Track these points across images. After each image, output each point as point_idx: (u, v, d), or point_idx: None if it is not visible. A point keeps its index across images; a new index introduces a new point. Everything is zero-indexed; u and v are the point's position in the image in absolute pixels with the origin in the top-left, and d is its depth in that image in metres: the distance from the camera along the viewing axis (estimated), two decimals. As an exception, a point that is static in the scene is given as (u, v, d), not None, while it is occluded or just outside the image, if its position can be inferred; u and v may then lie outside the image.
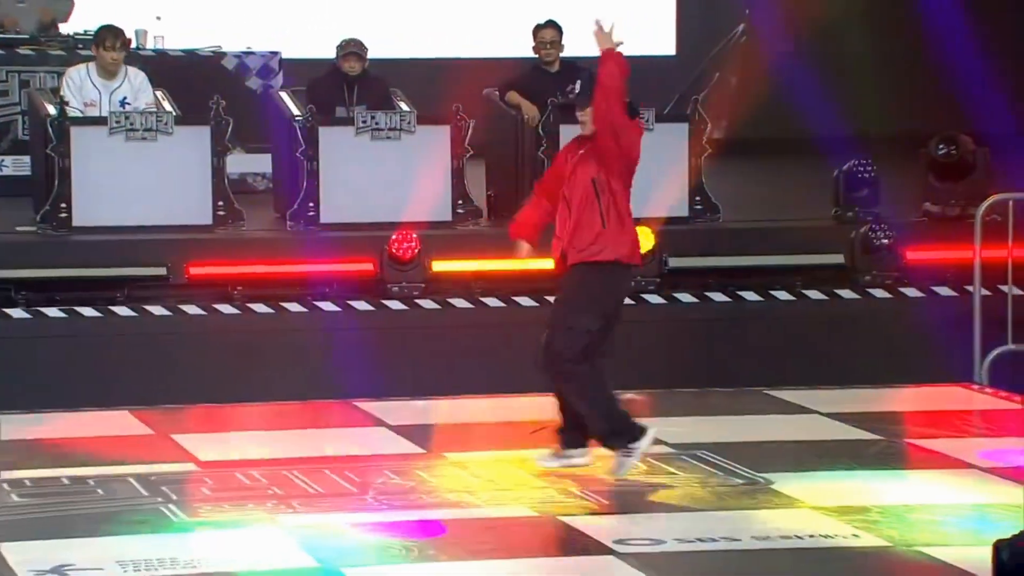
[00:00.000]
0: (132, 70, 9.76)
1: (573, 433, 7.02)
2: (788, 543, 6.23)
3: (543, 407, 7.85)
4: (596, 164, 6.86)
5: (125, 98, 9.64)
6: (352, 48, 10.04)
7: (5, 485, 6.96)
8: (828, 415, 8.29)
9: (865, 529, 6.36)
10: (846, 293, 9.63)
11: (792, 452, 7.56)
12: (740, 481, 7.08)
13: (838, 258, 9.77)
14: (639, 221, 9.57)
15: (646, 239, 9.45)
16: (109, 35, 9.61)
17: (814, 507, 6.67)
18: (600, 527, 6.40)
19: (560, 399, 7.02)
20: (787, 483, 7.00)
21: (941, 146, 9.99)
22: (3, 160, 10.86)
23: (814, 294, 9.61)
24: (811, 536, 6.31)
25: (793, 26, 13.45)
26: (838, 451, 7.57)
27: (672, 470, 7.26)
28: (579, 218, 6.82)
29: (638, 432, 6.93)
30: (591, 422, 6.95)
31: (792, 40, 13.39)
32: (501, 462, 7.30)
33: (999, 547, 4.75)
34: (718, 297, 9.54)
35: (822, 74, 13.14)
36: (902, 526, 6.44)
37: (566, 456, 7.01)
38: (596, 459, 7.05)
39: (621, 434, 6.92)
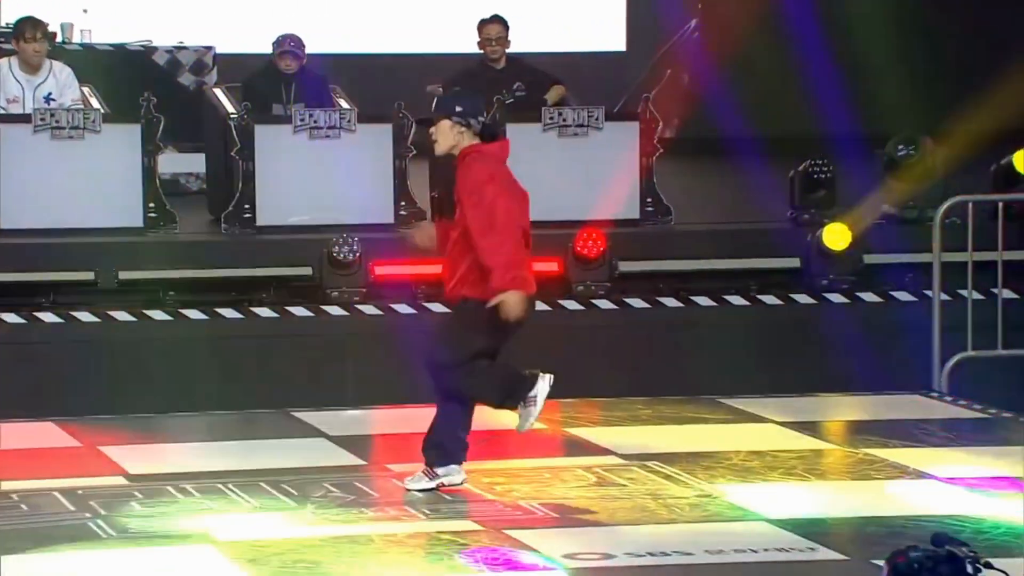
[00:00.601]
0: (57, 64, 9.69)
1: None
2: (743, 557, 6.26)
3: (481, 416, 7.88)
4: None
5: (50, 93, 9.58)
6: (288, 46, 10.01)
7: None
8: (783, 424, 8.34)
9: (821, 542, 6.40)
10: (802, 298, 9.69)
11: (746, 462, 7.60)
12: (692, 493, 7.12)
13: (794, 261, 9.84)
14: (588, 223, 9.66)
15: (596, 242, 9.50)
16: (28, 26, 9.55)
17: (769, 519, 6.71)
18: (549, 541, 6.41)
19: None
20: (741, 495, 7.04)
21: (900, 147, 10.08)
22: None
23: (769, 298, 9.67)
24: (766, 550, 6.34)
25: (747, 20, 13.52)
26: (793, 461, 7.62)
27: (622, 481, 7.28)
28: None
29: (531, 382, 6.90)
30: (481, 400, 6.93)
31: (746, 35, 13.46)
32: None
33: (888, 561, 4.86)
34: (670, 302, 9.58)
35: (779, 71, 13.23)
36: (859, 539, 6.48)
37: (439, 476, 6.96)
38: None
39: (513, 394, 6.89)
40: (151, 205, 9.45)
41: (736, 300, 9.62)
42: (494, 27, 10.17)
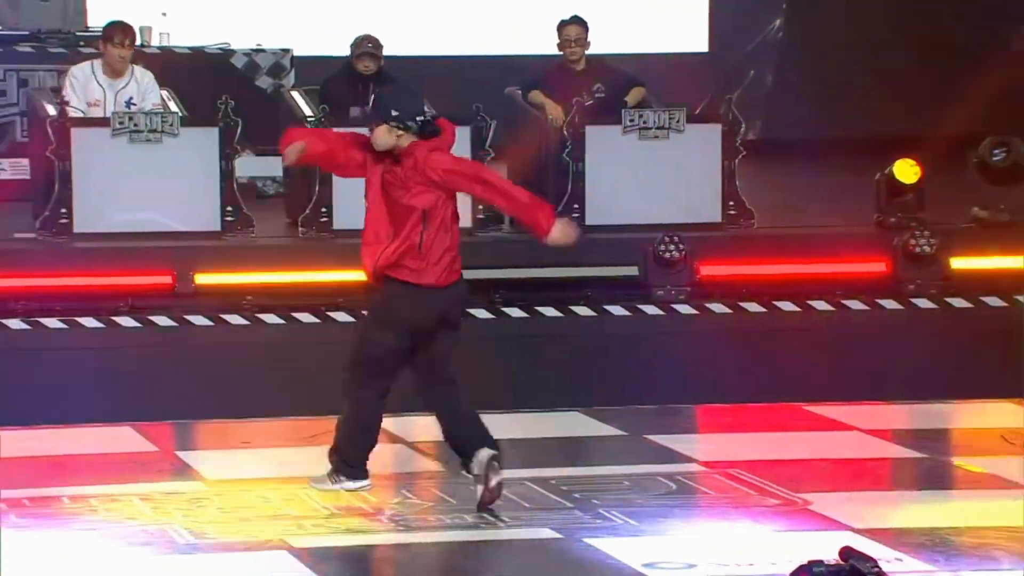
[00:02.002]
0: (139, 69, 9.79)
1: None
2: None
3: (562, 423, 7.88)
4: (432, 195, 6.82)
5: (131, 98, 9.68)
6: (366, 47, 10.06)
7: (2, 505, 6.99)
8: (869, 432, 8.27)
9: (908, 552, 6.34)
10: (888, 303, 9.61)
11: (831, 471, 7.55)
12: (776, 501, 7.08)
13: (880, 266, 9.76)
14: (667, 227, 9.64)
15: (677, 246, 9.46)
16: (118, 31, 9.66)
17: (854, 529, 6.66)
18: (629, 549, 6.40)
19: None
20: (826, 504, 6.99)
21: (995, 150, 9.97)
22: (1, 163, 10.91)
23: (855, 304, 9.60)
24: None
25: (834, 21, 13.43)
26: (880, 470, 7.56)
27: (704, 489, 7.26)
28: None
29: (356, 470, 6.89)
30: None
31: (833, 36, 13.37)
32: (521, 481, 7.30)
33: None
34: (752, 307, 9.53)
35: (865, 72, 13.14)
36: (947, 550, 6.42)
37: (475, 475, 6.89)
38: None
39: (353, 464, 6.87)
40: (228, 209, 9.52)
41: (820, 305, 9.55)
42: (573, 28, 10.16)
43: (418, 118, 6.85)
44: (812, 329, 9.47)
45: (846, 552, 4.93)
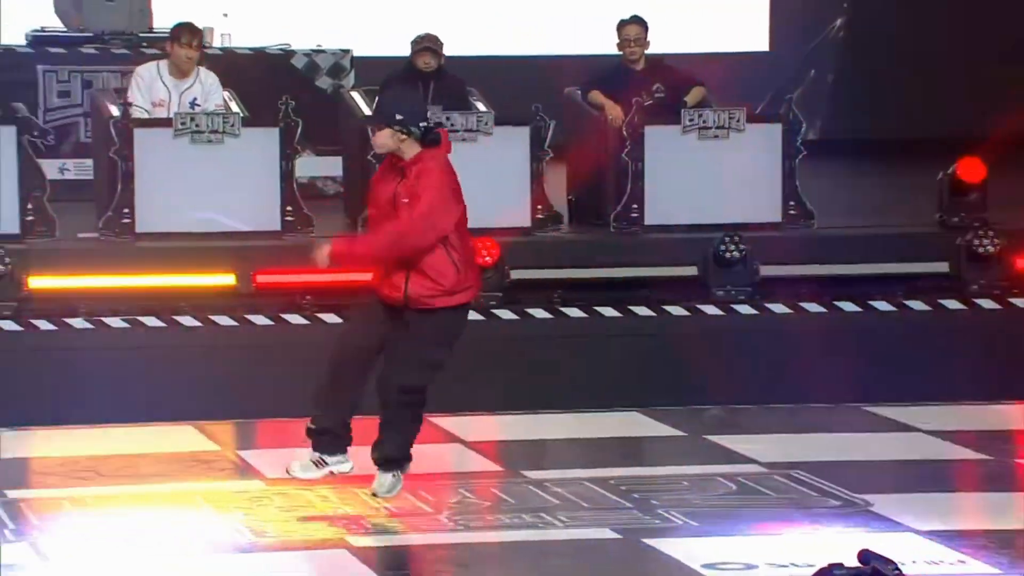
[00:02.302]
0: (204, 70, 9.86)
1: (334, 439, 6.88)
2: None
3: (621, 423, 7.86)
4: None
5: (195, 99, 9.74)
6: (427, 43, 10.07)
7: (67, 502, 7.05)
8: (931, 433, 8.22)
9: (971, 555, 6.30)
10: (951, 303, 9.54)
11: (893, 472, 7.51)
12: (837, 502, 7.04)
13: (942, 266, 9.69)
14: (727, 227, 9.61)
15: (736, 246, 9.44)
16: (186, 32, 9.72)
17: (917, 531, 6.61)
18: (688, 550, 6.38)
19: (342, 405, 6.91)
20: (888, 505, 6.95)
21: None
22: (65, 163, 11.00)
23: (916, 304, 9.54)
24: (914, 562, 6.26)
25: (896, 20, 13.34)
26: (942, 471, 7.51)
27: (764, 490, 7.23)
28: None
29: (409, 459, 6.93)
30: (396, 443, 6.89)
31: (894, 35, 13.28)
32: (579, 481, 7.29)
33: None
34: (813, 307, 9.49)
35: (927, 70, 13.04)
36: (1011, 552, 6.37)
37: (329, 464, 6.89)
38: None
39: (403, 460, 6.91)
40: (288, 208, 9.56)
41: (882, 306, 9.49)
42: (633, 28, 10.14)
43: (421, 124, 6.81)
44: (873, 329, 9.41)
45: (865, 554, 4.91)
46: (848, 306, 9.50)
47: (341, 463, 6.93)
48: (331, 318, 9.17)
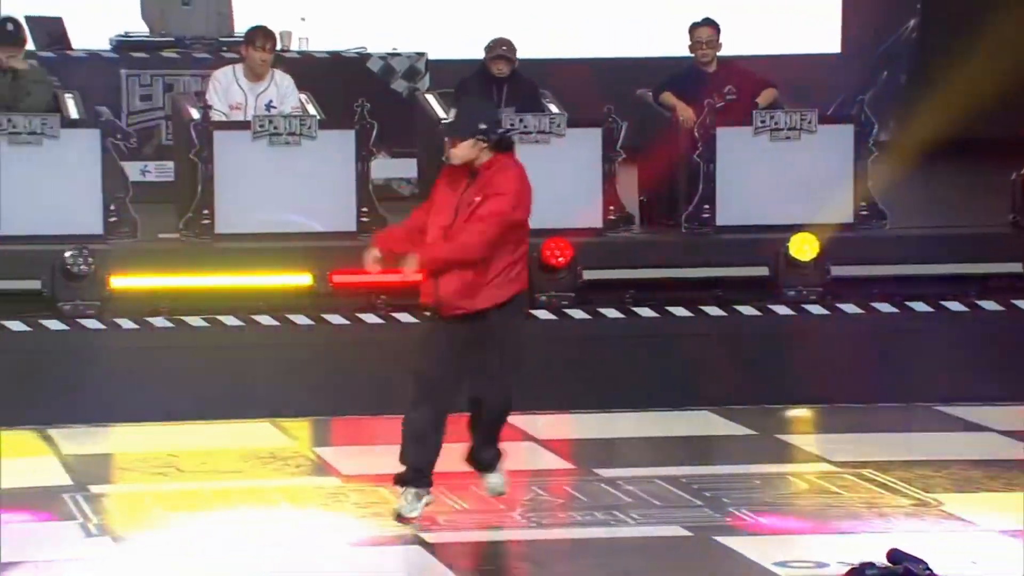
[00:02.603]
0: (279, 73, 9.92)
1: (423, 477, 6.82)
2: (960, 567, 6.12)
3: (692, 422, 7.82)
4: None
5: (271, 101, 9.80)
6: (500, 50, 10.08)
7: (148, 498, 7.12)
8: (1004, 433, 8.13)
9: (1044, 554, 6.23)
10: (1024, 304, 9.44)
11: (964, 471, 7.44)
12: (908, 501, 6.98)
13: (1015, 267, 9.58)
14: (802, 227, 9.55)
15: (811, 246, 9.39)
16: (260, 35, 9.79)
17: (988, 530, 6.54)
18: (759, 548, 6.35)
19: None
20: (959, 504, 6.88)
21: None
22: (147, 166, 11.09)
23: (989, 304, 9.44)
24: (986, 561, 6.19)
25: (968, 21, 13.21)
26: (1014, 471, 7.43)
27: (835, 489, 7.18)
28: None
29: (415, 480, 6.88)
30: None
31: (967, 36, 13.15)
32: (651, 479, 7.28)
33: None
34: (885, 307, 9.41)
35: (999, 71, 12.89)
36: (1084, 552, 6.29)
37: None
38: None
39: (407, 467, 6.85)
40: (364, 209, 9.59)
41: (955, 306, 9.40)
42: (705, 30, 10.10)
43: (498, 131, 6.81)
44: (946, 330, 9.32)
45: (895, 554, 4.87)
46: (920, 306, 9.41)
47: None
48: (405, 317, 9.20)
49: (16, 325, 8.84)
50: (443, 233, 6.78)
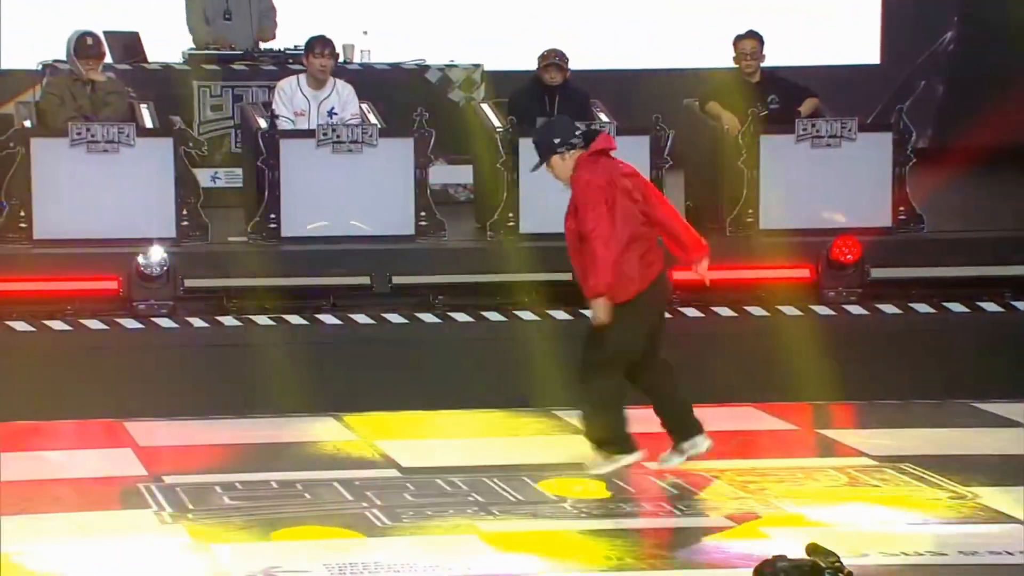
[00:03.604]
0: (340, 82, 9.95)
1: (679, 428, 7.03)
2: (998, 559, 6.06)
3: (738, 417, 7.76)
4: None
5: (333, 108, 9.83)
6: (553, 59, 10.07)
7: (217, 488, 7.14)
8: (1038, 429, 8.04)
9: (1078, 547, 6.14)
10: (1057, 304, 9.33)
11: (1001, 466, 7.35)
12: (945, 495, 6.91)
13: (1049, 269, 9.48)
14: (843, 231, 9.49)
15: (851, 249, 9.33)
16: (318, 43, 9.85)
17: None
18: (801, 539, 6.29)
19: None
20: (996, 497, 6.80)
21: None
22: (217, 172, 11.15)
23: (1023, 305, 9.34)
24: (1021, 552, 6.12)
25: (1006, 31, 13.08)
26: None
27: (874, 482, 7.12)
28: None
29: (627, 448, 7.20)
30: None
31: (1005, 46, 13.02)
32: (699, 472, 7.23)
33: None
34: (922, 308, 9.33)
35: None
36: (1117, 545, 6.20)
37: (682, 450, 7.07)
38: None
39: (608, 442, 7.18)
40: (422, 214, 9.61)
41: (989, 306, 9.31)
42: (749, 42, 10.06)
43: (577, 133, 6.80)
44: (981, 329, 9.23)
45: (811, 547, 4.82)
46: (956, 307, 9.33)
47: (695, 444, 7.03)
48: (461, 317, 9.20)
49: (94, 323, 8.90)
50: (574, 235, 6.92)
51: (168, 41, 11.64)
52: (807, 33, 13.10)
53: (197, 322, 9.04)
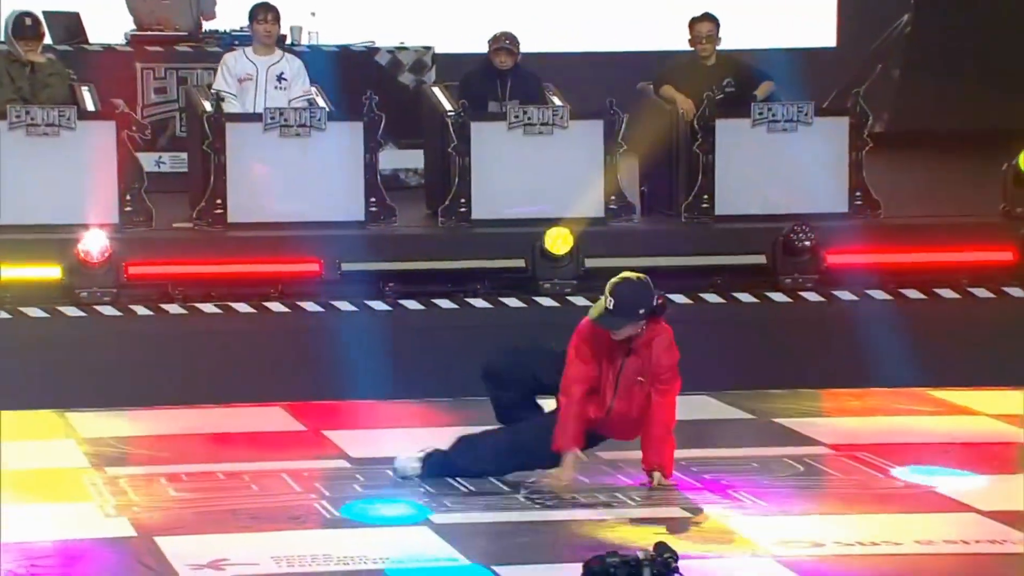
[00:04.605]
0: (289, 55, 10.01)
1: None
2: (954, 548, 6.10)
3: (693, 406, 7.77)
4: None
5: (283, 73, 9.82)
6: (503, 42, 10.06)
7: (162, 479, 7.11)
8: (996, 416, 8.11)
9: (1034, 535, 6.21)
10: (1015, 291, 9.41)
11: (957, 454, 7.41)
12: (902, 483, 6.96)
13: (1007, 255, 9.56)
14: (796, 217, 9.53)
15: (806, 235, 9.35)
16: (261, 9, 9.93)
17: (981, 511, 6.52)
18: (757, 529, 6.33)
19: None
20: (952, 486, 6.86)
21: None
22: (161, 157, 11.09)
23: (981, 292, 9.41)
24: (978, 541, 6.17)
25: (962, 15, 13.17)
26: (1007, 454, 7.40)
27: (831, 471, 7.16)
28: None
29: None
30: None
31: (961, 29, 13.11)
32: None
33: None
34: (879, 295, 9.39)
35: (991, 64, 12.86)
36: (1074, 533, 6.27)
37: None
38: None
39: None
40: (372, 199, 9.58)
41: (947, 293, 9.38)
42: (704, 24, 10.08)
43: (656, 303, 6.76)
44: (938, 316, 9.30)
45: (658, 546, 4.87)
46: (913, 293, 9.39)
47: None
48: (412, 304, 9.19)
49: (34, 311, 8.83)
50: (606, 404, 6.74)
51: (110, 22, 11.55)
52: (763, 16, 13.14)
53: (141, 310, 8.99)
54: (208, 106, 9.67)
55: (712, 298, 9.27)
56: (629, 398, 6.78)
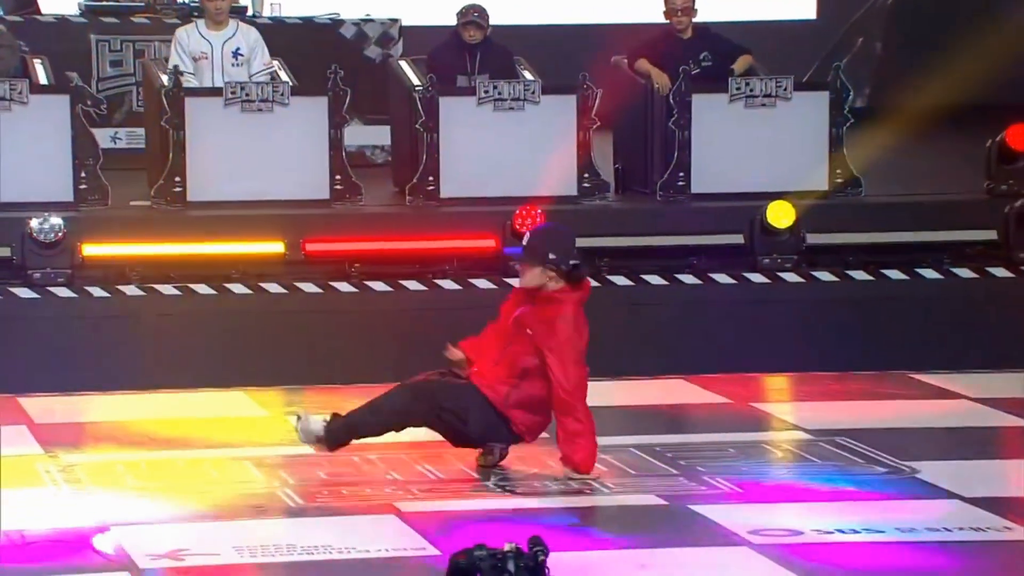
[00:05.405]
0: (244, 25, 9.92)
1: None
2: (936, 535, 6.14)
3: (668, 391, 7.79)
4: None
5: (239, 49, 9.76)
6: (472, 16, 10.04)
7: (120, 466, 7.10)
8: (978, 400, 8.15)
9: (1018, 522, 6.24)
10: (998, 271, 9.45)
11: (939, 439, 7.45)
12: (883, 469, 7.00)
13: (991, 234, 9.60)
14: (779, 195, 9.55)
15: (787, 214, 9.39)
16: None
17: (962, 497, 6.56)
18: (734, 516, 6.36)
19: None
20: (934, 471, 6.90)
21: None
22: (117, 132, 11.04)
23: (964, 272, 9.46)
24: (960, 528, 6.21)
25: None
26: (989, 438, 7.45)
27: (810, 457, 7.19)
28: None
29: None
30: None
31: (943, 2, 13.15)
32: (625, 448, 7.28)
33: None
34: (860, 275, 9.42)
35: (974, 38, 12.90)
36: (1058, 519, 6.31)
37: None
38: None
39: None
40: (337, 177, 9.57)
41: (929, 273, 9.42)
42: (680, -4, 10.08)
43: (571, 262, 6.73)
44: (920, 297, 9.34)
45: (533, 540, 4.92)
46: (895, 274, 9.42)
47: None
48: (379, 286, 9.18)
49: (-14, 293, 8.80)
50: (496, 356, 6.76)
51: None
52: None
53: (97, 291, 8.96)
54: (166, 80, 9.63)
55: (688, 279, 9.29)
56: (521, 343, 6.74)
